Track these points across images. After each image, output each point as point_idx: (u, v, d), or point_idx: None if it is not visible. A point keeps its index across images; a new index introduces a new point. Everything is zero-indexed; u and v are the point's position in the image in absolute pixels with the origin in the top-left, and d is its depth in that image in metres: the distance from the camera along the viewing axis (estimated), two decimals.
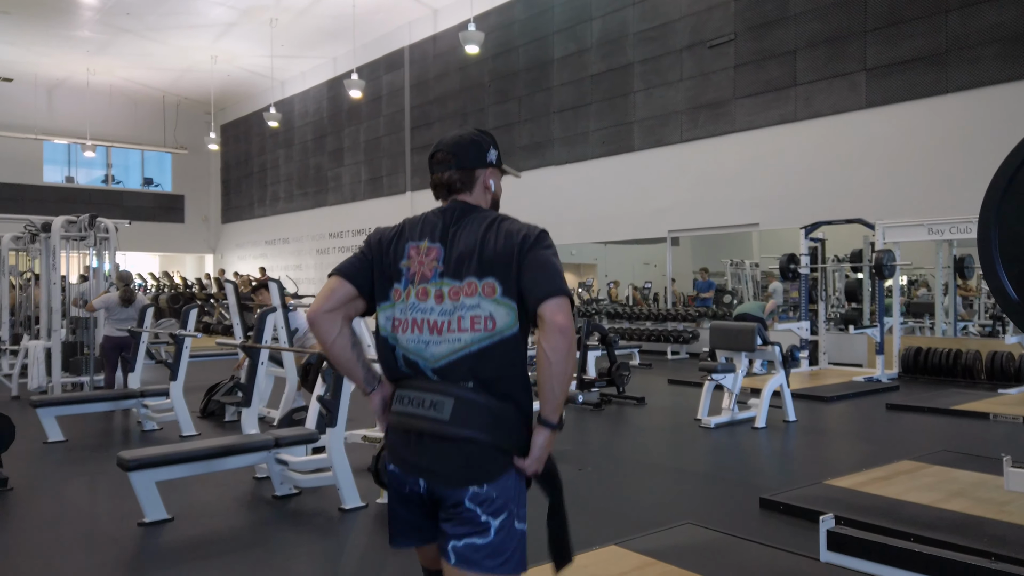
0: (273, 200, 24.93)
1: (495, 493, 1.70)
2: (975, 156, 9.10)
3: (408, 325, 1.74)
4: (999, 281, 1.50)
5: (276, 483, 4.55)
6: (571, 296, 1.71)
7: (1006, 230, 1.50)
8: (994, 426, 6.56)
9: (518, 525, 1.74)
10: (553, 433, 1.72)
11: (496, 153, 1.93)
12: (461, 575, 1.68)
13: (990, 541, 3.41)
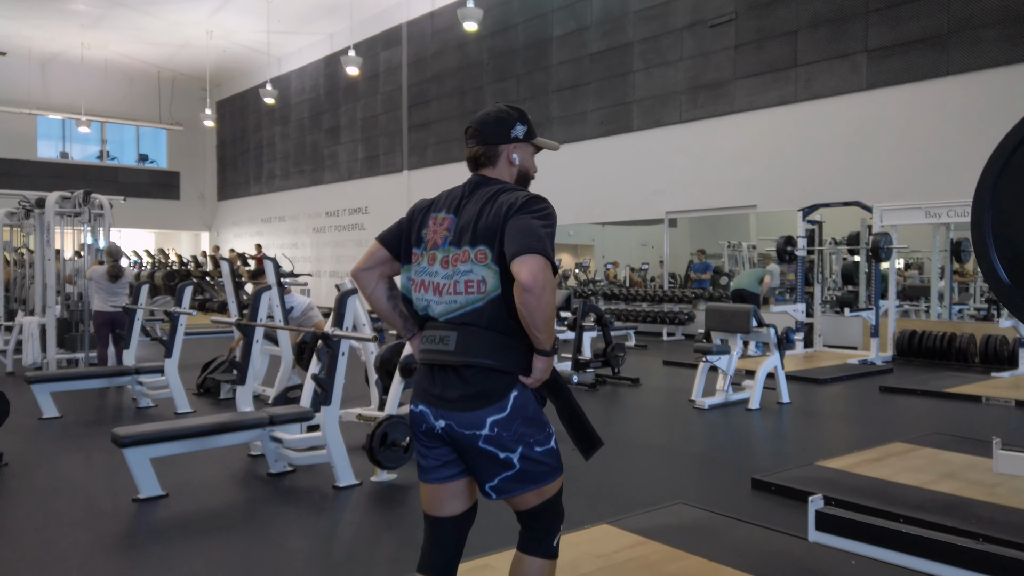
0: (269, 178, 24.82)
1: (505, 432, 1.87)
2: (974, 139, 9.06)
3: (419, 285, 1.98)
4: (991, 264, 1.49)
5: (270, 461, 4.57)
6: (547, 253, 1.79)
7: (1000, 213, 1.49)
8: (986, 409, 6.60)
9: (538, 448, 1.92)
10: (549, 358, 1.89)
11: (524, 128, 2.05)
12: (508, 501, 1.94)
13: (978, 522, 3.44)
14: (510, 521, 3.86)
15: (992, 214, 1.51)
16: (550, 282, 1.76)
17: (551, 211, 1.91)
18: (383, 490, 4.29)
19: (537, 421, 1.95)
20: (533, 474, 1.92)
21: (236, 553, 3.42)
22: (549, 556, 2.01)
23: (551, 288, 1.77)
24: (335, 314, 4.57)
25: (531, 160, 2.09)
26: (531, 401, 1.94)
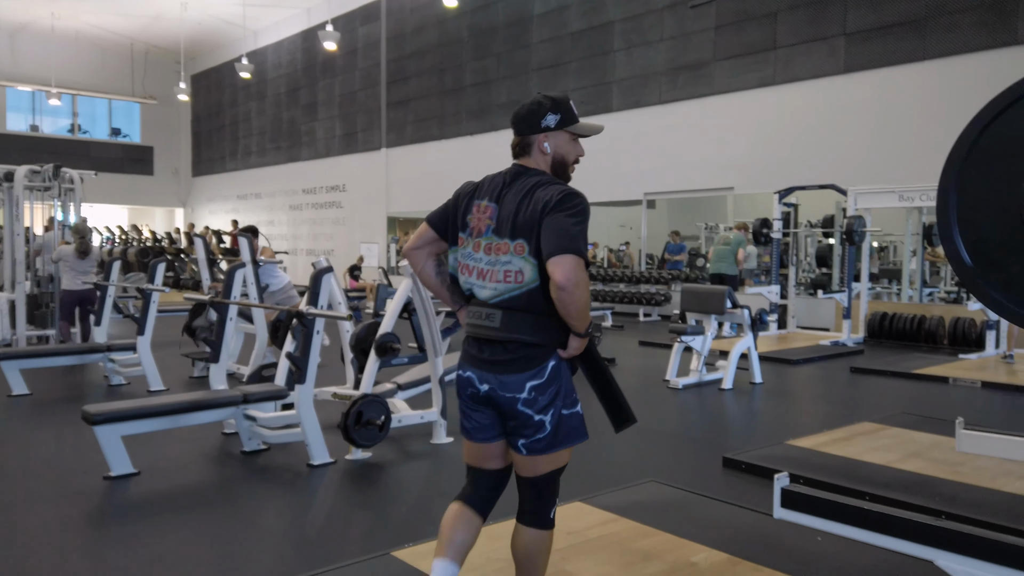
0: (245, 154, 24.49)
1: (540, 396, 2.07)
2: (949, 124, 9.10)
3: (465, 268, 2.17)
4: (955, 246, 1.52)
5: (244, 439, 4.55)
6: (579, 251, 1.97)
7: (964, 196, 1.52)
8: (953, 390, 6.74)
9: (565, 411, 2.11)
10: (583, 339, 2.09)
11: (556, 117, 2.16)
12: (533, 460, 2.12)
13: (941, 500, 3.53)
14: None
15: (957, 197, 1.53)
16: (582, 279, 1.95)
17: (584, 207, 2.06)
18: (358, 468, 4.30)
19: (569, 388, 2.15)
20: (560, 435, 2.12)
21: (209, 531, 3.41)
22: (548, 527, 2.18)
23: (584, 284, 1.96)
24: (310, 292, 4.54)
25: (567, 147, 2.20)
26: (566, 371, 2.14)
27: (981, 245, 1.52)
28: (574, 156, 2.23)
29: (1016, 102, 1.46)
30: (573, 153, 2.22)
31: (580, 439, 2.18)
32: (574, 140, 2.22)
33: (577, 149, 2.23)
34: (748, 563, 2.88)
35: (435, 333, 4.81)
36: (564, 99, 2.19)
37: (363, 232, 19.60)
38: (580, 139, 2.24)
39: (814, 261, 12.86)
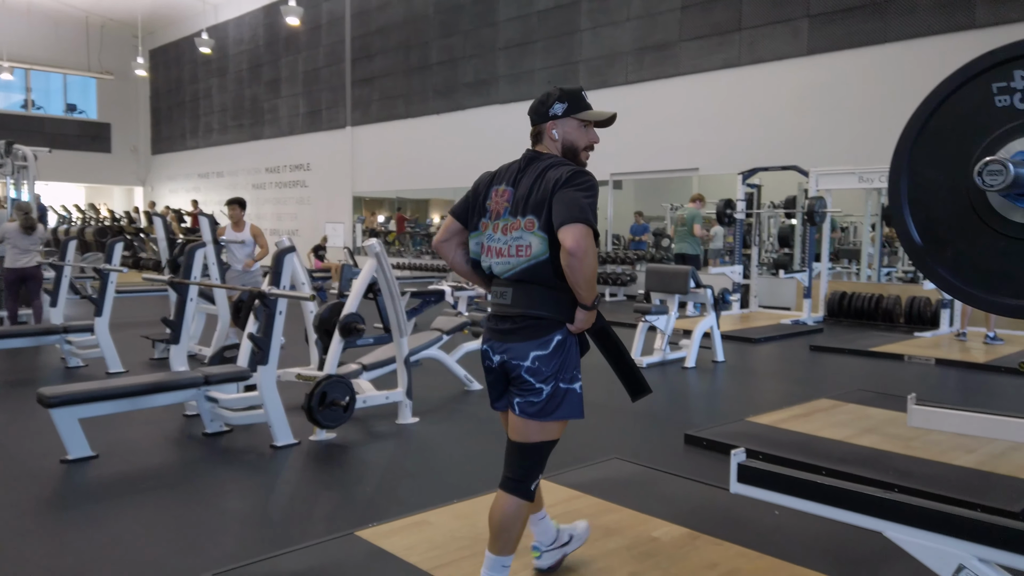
0: (207, 131, 24.01)
1: (544, 367, 2.20)
2: (908, 106, 9.15)
3: (486, 250, 2.31)
4: (905, 226, 1.55)
5: (206, 420, 4.51)
6: (589, 221, 2.08)
7: (915, 176, 1.55)
8: (908, 367, 6.91)
9: (563, 385, 2.23)
10: (589, 311, 2.20)
11: (563, 105, 2.29)
12: (523, 423, 2.25)
13: (895, 474, 3.63)
14: (446, 479, 3.91)
15: (908, 178, 1.56)
16: (591, 247, 2.07)
17: (593, 183, 2.17)
18: (322, 449, 4.28)
19: (571, 363, 2.25)
20: (552, 406, 2.22)
21: (169, 513, 3.38)
22: (527, 498, 2.28)
23: (592, 252, 2.07)
24: (272, 272, 4.49)
25: (576, 133, 2.30)
26: (573, 347, 2.26)
27: (930, 225, 1.55)
28: (585, 142, 2.33)
29: (964, 84, 1.49)
30: (584, 140, 2.32)
31: (573, 415, 2.25)
32: (584, 127, 2.32)
33: (589, 136, 2.33)
34: (707, 537, 2.94)
35: (400, 313, 4.80)
36: (574, 89, 2.32)
37: (328, 212, 19.39)
38: (596, 127, 2.35)
39: (776, 241, 13.05)
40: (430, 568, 2.66)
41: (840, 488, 1.88)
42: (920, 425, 2.77)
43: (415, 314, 7.44)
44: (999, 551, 1.68)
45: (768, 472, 2.01)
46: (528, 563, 2.65)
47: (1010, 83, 1.44)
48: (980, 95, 1.48)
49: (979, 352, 7.34)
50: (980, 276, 1.49)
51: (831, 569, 2.67)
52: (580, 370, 2.29)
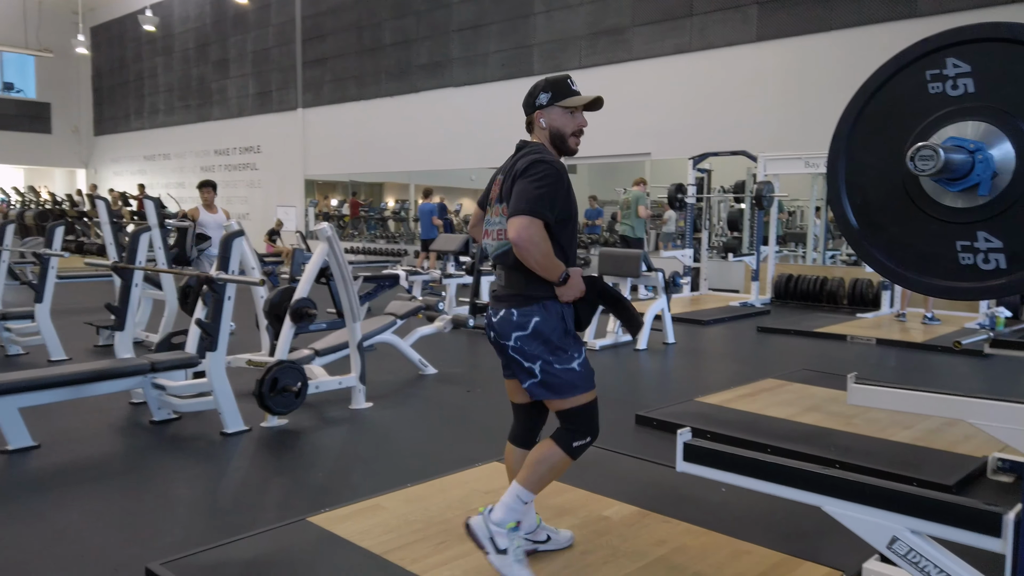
0: (152, 112, 23.32)
1: (526, 347, 2.34)
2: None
3: (485, 233, 2.53)
4: (843, 210, 1.60)
5: (153, 408, 4.42)
6: (532, 212, 2.21)
7: (852, 161, 1.59)
8: (850, 347, 7.13)
9: (557, 366, 2.34)
10: (563, 285, 2.32)
11: (547, 95, 2.41)
12: (542, 399, 2.42)
13: (836, 450, 3.76)
14: (400, 463, 3.91)
15: (845, 163, 1.61)
16: (534, 237, 2.20)
17: (548, 172, 2.27)
18: (274, 435, 4.24)
19: (556, 346, 2.35)
20: (552, 385, 2.35)
21: (115, 503, 3.31)
22: (567, 452, 2.38)
23: (537, 241, 2.21)
24: (220, 257, 4.40)
25: (562, 120, 2.40)
26: (553, 328, 2.35)
27: (867, 208, 1.60)
28: (572, 128, 2.42)
29: (899, 71, 1.54)
30: (570, 125, 2.41)
31: (578, 392, 2.37)
32: (570, 113, 2.41)
33: (577, 121, 2.42)
34: (657, 515, 3.01)
35: (353, 298, 4.76)
36: (559, 78, 2.43)
37: (280, 195, 19.05)
38: (585, 111, 2.45)
39: (726, 225, 13.27)
40: (383, 552, 2.67)
41: (780, 465, 1.94)
42: (858, 403, 2.87)
43: (369, 299, 7.38)
44: (930, 523, 1.76)
45: (712, 451, 2.07)
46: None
47: (942, 71, 1.49)
48: (914, 82, 1.53)
49: (918, 332, 7.61)
50: (913, 258, 1.54)
51: (774, 543, 2.75)
52: (578, 347, 2.40)
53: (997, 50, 1.41)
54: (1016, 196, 1.41)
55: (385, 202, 19.86)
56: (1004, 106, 1.42)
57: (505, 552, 2.34)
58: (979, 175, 1.41)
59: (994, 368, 6.14)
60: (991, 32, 1.41)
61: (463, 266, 9.03)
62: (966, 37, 1.44)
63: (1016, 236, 1.42)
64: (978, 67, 1.44)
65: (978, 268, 1.46)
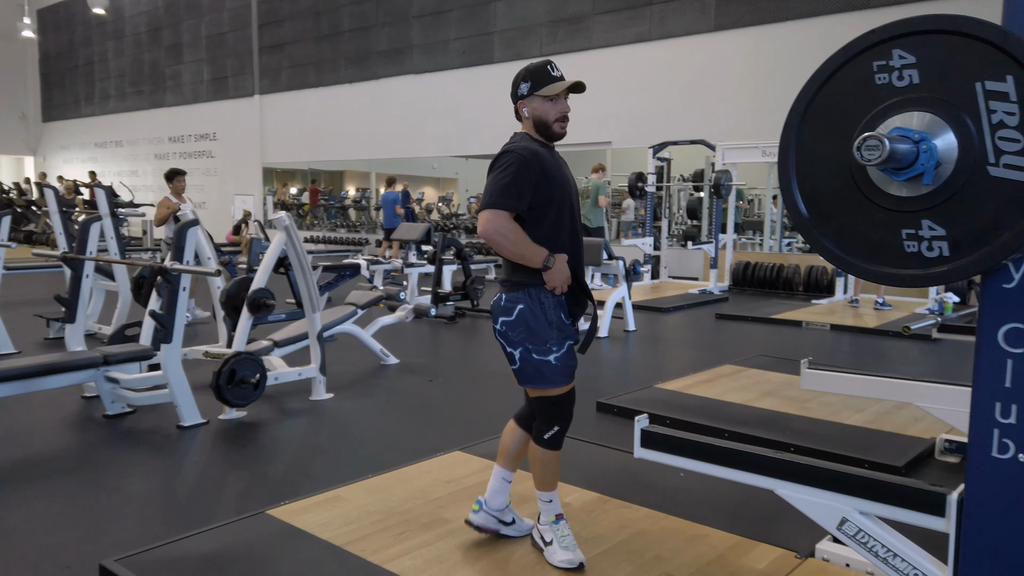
0: (103, 98, 22.68)
1: (510, 332, 2.40)
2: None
3: None
4: (793, 199, 1.63)
5: (107, 402, 4.33)
6: (493, 205, 2.28)
7: (802, 150, 1.62)
8: (806, 333, 7.28)
9: (535, 356, 2.39)
10: (548, 270, 2.36)
11: (527, 84, 2.40)
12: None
13: (791, 434, 3.84)
14: (361, 454, 3.89)
15: (796, 153, 1.64)
16: (498, 228, 2.28)
17: (510, 160, 2.32)
18: (232, 428, 4.19)
19: (538, 335, 2.39)
20: (527, 373, 2.42)
21: (68, 499, 3.24)
22: (539, 443, 2.49)
23: (501, 232, 2.29)
24: (175, 247, 4.32)
25: (543, 108, 2.40)
26: (537, 317, 2.39)
27: (816, 197, 1.63)
28: (554, 115, 2.41)
29: (848, 62, 1.56)
30: (552, 113, 2.41)
31: (549, 385, 2.41)
32: (551, 100, 2.40)
33: (558, 107, 2.41)
34: (617, 500, 3.05)
35: (312, 288, 4.71)
36: (539, 65, 2.41)
37: (237, 184, 18.71)
38: (569, 95, 2.45)
39: (685, 214, 13.42)
40: (343, 543, 2.66)
41: (733, 450, 1.98)
42: (812, 388, 2.94)
43: (329, 288, 7.31)
44: (877, 504, 1.81)
45: (668, 437, 2.10)
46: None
47: (888, 62, 1.52)
48: (862, 73, 1.56)
49: (870, 317, 7.80)
50: (861, 246, 1.58)
51: (731, 526, 2.81)
52: (559, 341, 2.41)
53: (940, 42, 1.44)
54: (958, 185, 1.45)
55: (346, 190, 19.65)
56: (947, 96, 1.45)
57: (551, 543, 2.51)
58: (923, 165, 1.45)
59: (942, 352, 6.33)
60: (934, 24, 1.44)
61: (425, 255, 8.99)
62: (911, 29, 1.47)
63: (958, 224, 1.46)
64: (922, 58, 1.47)
65: (922, 255, 1.49)
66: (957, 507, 1.64)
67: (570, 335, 2.47)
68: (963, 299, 8.10)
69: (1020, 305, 1.51)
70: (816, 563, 2.52)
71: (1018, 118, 1.38)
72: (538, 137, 2.45)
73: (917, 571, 1.75)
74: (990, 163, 1.42)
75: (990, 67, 1.40)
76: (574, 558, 2.45)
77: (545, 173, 2.36)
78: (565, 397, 2.47)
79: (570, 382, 2.47)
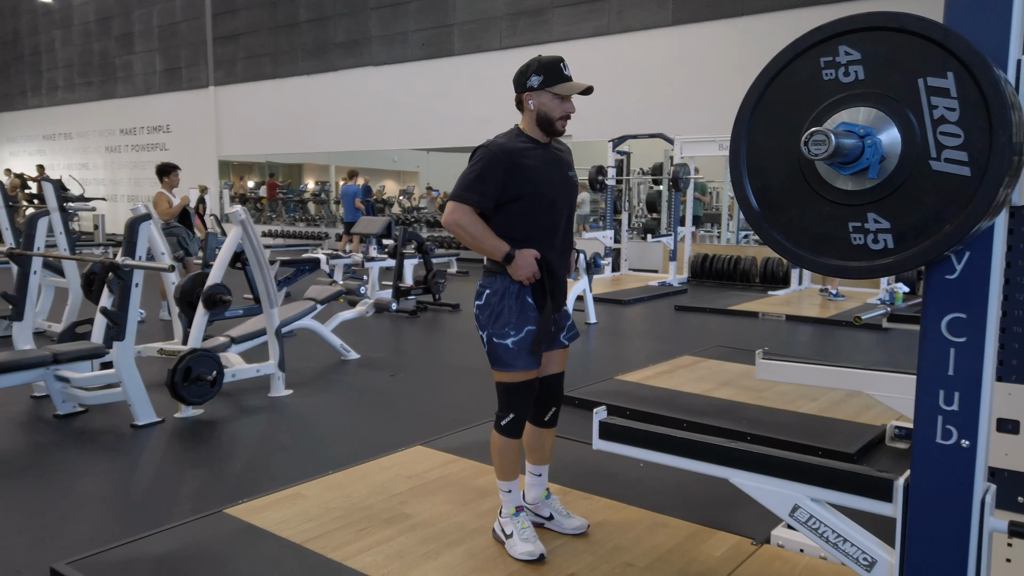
0: (51, 89, 22.02)
1: (480, 315, 2.48)
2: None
3: None
4: (744, 192, 1.65)
5: (57, 402, 4.22)
6: (456, 197, 2.34)
7: (753, 145, 1.65)
8: (762, 323, 7.42)
9: (496, 339, 2.44)
10: (510, 263, 2.39)
11: (539, 78, 2.39)
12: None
13: (747, 423, 3.91)
14: (321, 451, 3.86)
15: (747, 147, 1.66)
16: (458, 220, 2.33)
17: (480, 156, 2.37)
18: (188, 426, 4.12)
19: (499, 318, 2.43)
20: (490, 355, 2.48)
21: (16, 502, 3.15)
22: (496, 429, 2.54)
23: (461, 223, 2.34)
24: (126, 242, 4.22)
25: (550, 104, 2.40)
26: (500, 301, 2.43)
27: (767, 191, 1.66)
28: (559, 113, 2.42)
29: (796, 58, 1.59)
30: (558, 110, 2.41)
31: (505, 368, 2.45)
32: (559, 99, 2.40)
33: (565, 107, 2.42)
34: (578, 492, 3.07)
35: (269, 283, 4.65)
36: (553, 61, 2.41)
37: (192, 177, 18.32)
38: (574, 96, 2.44)
39: (645, 207, 13.53)
40: (303, 541, 2.64)
41: (689, 440, 2.01)
42: (766, 378, 2.99)
43: (288, 283, 7.22)
44: (828, 491, 1.86)
45: (626, 428, 2.12)
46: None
47: (835, 58, 1.55)
48: (809, 68, 1.59)
49: (824, 308, 7.97)
50: (809, 239, 1.61)
51: (689, 515, 2.86)
52: (519, 327, 2.42)
53: (884, 38, 1.48)
54: (902, 179, 1.49)
55: (305, 183, 19.39)
56: (891, 92, 1.49)
57: (511, 535, 2.53)
58: (868, 159, 1.48)
59: (892, 341, 6.50)
60: (879, 21, 1.47)
61: (385, 249, 8.93)
62: (857, 25, 1.50)
63: (902, 217, 1.50)
64: (868, 55, 1.50)
65: (868, 248, 1.53)
66: (903, 492, 1.69)
67: (533, 321, 2.45)
68: (913, 289, 8.31)
69: (962, 295, 1.56)
70: (771, 549, 2.57)
71: (958, 114, 1.42)
72: (534, 131, 2.46)
73: (866, 554, 1.80)
74: (932, 157, 1.46)
75: (932, 64, 1.44)
76: (534, 550, 2.47)
77: (518, 168, 2.37)
78: (521, 385, 2.47)
79: (528, 370, 2.46)
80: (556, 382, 2.66)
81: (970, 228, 1.41)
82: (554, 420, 2.68)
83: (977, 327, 1.55)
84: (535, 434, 2.67)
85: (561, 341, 2.61)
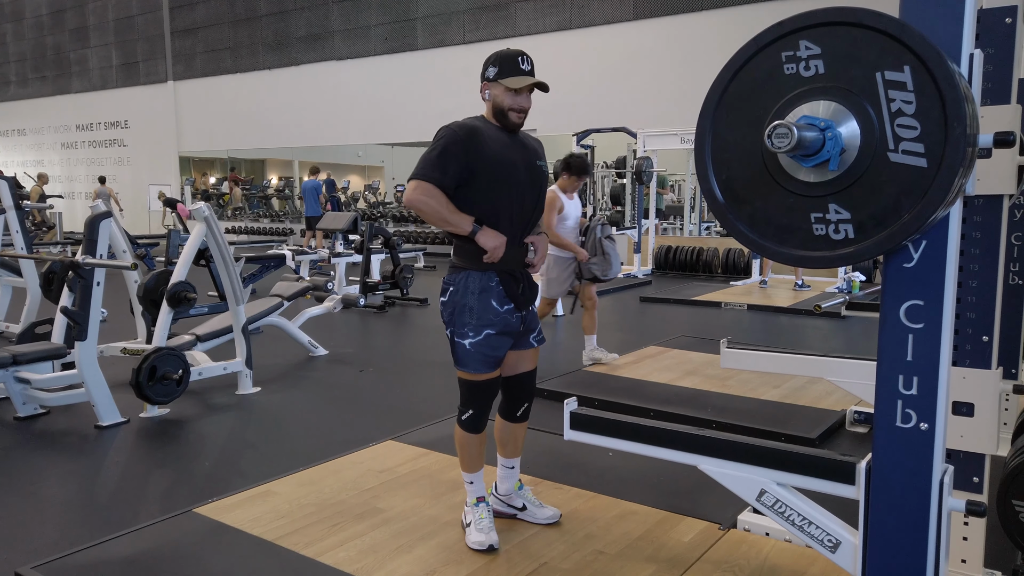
0: (2, 84, 21.40)
1: (443, 311, 2.50)
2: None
3: None
4: (709, 185, 1.69)
5: (17, 403, 4.13)
6: (416, 175, 2.34)
7: (717, 138, 1.68)
8: (725, 313, 7.54)
9: (457, 339, 2.47)
10: (478, 235, 2.38)
11: (494, 69, 2.45)
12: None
13: (713, 411, 3.99)
14: (291, 447, 3.84)
15: (711, 140, 1.70)
16: (419, 196, 2.32)
17: (441, 135, 2.38)
18: (154, 426, 4.06)
19: (459, 318, 2.45)
20: (452, 352, 2.51)
21: None
22: (457, 423, 2.59)
23: (421, 199, 2.32)
24: (87, 240, 4.14)
25: (503, 96, 2.44)
26: (461, 299, 2.44)
27: (731, 184, 1.70)
28: (510, 105, 2.44)
29: (758, 52, 1.63)
30: (509, 102, 2.44)
31: (464, 368, 2.48)
32: (512, 92, 2.43)
33: (517, 100, 2.44)
34: (549, 482, 3.11)
35: (235, 280, 4.59)
36: (510, 55, 2.46)
37: (152, 173, 18.00)
38: (536, 92, 2.49)
39: (610, 200, 13.62)
40: (275, 538, 2.63)
41: (657, 428, 2.05)
42: (731, 366, 3.05)
43: (254, 280, 7.13)
44: (792, 475, 1.91)
45: (596, 418, 2.15)
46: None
47: (796, 52, 1.59)
48: (771, 63, 1.62)
49: (785, 297, 8.13)
50: (773, 230, 1.65)
51: (658, 502, 2.91)
52: (478, 328, 2.42)
53: (843, 33, 1.52)
54: (861, 171, 1.54)
55: (269, 179, 19.14)
56: (850, 86, 1.53)
57: (469, 524, 2.57)
58: (829, 151, 1.52)
59: (850, 328, 6.66)
60: (837, 16, 1.51)
61: (351, 244, 8.87)
62: (816, 20, 1.54)
63: (862, 208, 1.54)
64: (827, 49, 1.55)
65: (830, 238, 1.57)
66: (866, 475, 1.74)
67: (492, 324, 2.43)
68: (869, 278, 8.52)
69: (919, 283, 1.62)
70: (738, 533, 2.63)
71: (915, 106, 1.47)
72: (492, 121, 2.49)
73: (830, 536, 1.85)
74: (890, 149, 1.50)
75: (889, 58, 1.48)
76: (485, 540, 2.50)
77: (479, 150, 2.36)
78: (479, 384, 2.50)
79: (486, 371, 2.48)
80: (528, 379, 2.66)
81: (927, 218, 1.45)
82: (525, 415, 2.70)
83: (934, 313, 1.61)
84: (507, 429, 2.69)
85: (530, 342, 2.61)
